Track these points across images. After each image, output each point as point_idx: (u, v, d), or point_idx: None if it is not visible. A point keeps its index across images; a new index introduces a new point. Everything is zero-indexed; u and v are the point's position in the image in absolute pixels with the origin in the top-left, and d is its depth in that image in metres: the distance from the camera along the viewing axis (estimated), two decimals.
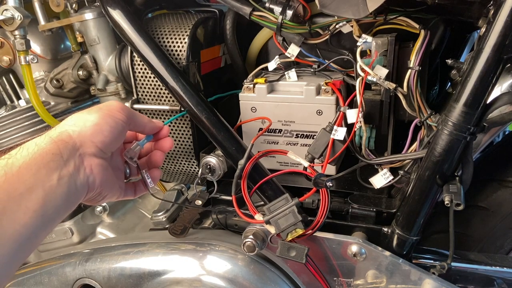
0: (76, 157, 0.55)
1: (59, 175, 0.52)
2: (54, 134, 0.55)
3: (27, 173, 0.50)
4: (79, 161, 0.56)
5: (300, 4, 0.83)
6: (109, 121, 0.59)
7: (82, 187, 0.56)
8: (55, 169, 0.52)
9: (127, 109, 0.63)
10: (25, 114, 0.99)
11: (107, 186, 0.61)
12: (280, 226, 0.70)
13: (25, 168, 0.50)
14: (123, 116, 0.61)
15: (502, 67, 0.60)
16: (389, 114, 0.82)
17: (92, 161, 0.57)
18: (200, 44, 0.92)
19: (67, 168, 0.54)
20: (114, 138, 0.60)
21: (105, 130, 0.58)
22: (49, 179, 0.51)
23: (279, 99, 0.87)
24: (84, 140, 0.56)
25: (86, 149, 0.56)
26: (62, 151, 0.54)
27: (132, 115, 0.64)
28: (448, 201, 0.66)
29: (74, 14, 0.94)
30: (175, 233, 0.88)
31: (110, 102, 0.63)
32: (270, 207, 0.71)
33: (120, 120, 0.61)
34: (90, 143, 0.57)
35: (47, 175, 0.51)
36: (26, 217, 0.49)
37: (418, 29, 0.77)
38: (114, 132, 0.59)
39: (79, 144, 0.56)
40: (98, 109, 0.60)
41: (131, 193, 0.70)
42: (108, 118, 0.59)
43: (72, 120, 0.58)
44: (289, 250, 0.71)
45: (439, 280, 0.74)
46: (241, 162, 0.75)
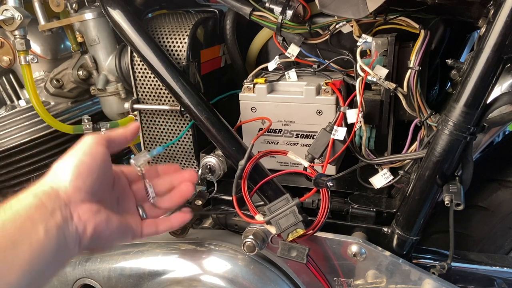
0: (63, 207, 0.52)
1: (46, 228, 0.49)
2: (35, 189, 0.53)
3: (11, 227, 0.47)
4: (66, 211, 0.53)
5: (300, 4, 0.83)
6: (86, 160, 0.56)
7: (72, 239, 0.53)
8: (41, 221, 0.49)
9: (102, 138, 0.60)
10: (25, 114, 0.99)
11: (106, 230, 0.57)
12: (281, 226, 0.70)
13: (9, 222, 0.48)
14: (100, 147, 0.58)
15: (502, 67, 0.60)
16: (389, 114, 0.82)
17: (80, 208, 0.54)
18: (200, 44, 0.92)
19: (54, 219, 0.51)
20: (96, 175, 0.57)
21: (84, 170, 0.55)
22: (35, 232, 0.48)
23: (279, 99, 0.87)
24: (66, 187, 0.54)
25: (71, 196, 0.54)
26: (46, 202, 0.51)
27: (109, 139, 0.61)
28: (448, 201, 0.66)
29: (74, 14, 0.94)
30: (175, 233, 0.88)
31: (84, 139, 0.59)
32: (270, 207, 0.71)
33: (97, 152, 0.58)
34: (73, 188, 0.54)
35: (32, 227, 0.48)
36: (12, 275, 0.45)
37: (418, 29, 0.77)
38: (94, 168, 0.56)
39: (63, 193, 0.53)
40: (72, 152, 0.57)
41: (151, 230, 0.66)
42: (84, 157, 0.56)
43: (51, 173, 0.56)
44: (290, 250, 0.71)
45: (439, 280, 0.74)
46: (242, 163, 0.75)
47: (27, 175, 1.00)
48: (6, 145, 0.99)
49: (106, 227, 0.57)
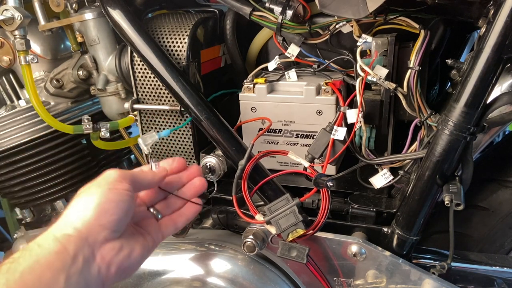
0: (85, 249, 0.51)
1: (67, 275, 0.48)
2: (56, 231, 0.51)
3: (30, 279, 0.45)
4: (89, 252, 0.51)
5: (300, 4, 0.83)
6: (112, 197, 0.54)
7: (94, 280, 0.51)
8: (62, 270, 0.48)
9: (127, 175, 0.58)
10: (25, 114, 0.99)
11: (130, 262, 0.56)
12: (281, 226, 0.70)
13: (28, 273, 0.46)
14: (126, 185, 0.56)
15: (502, 67, 0.60)
16: (389, 114, 0.82)
17: (103, 248, 0.53)
18: (200, 44, 0.92)
19: (75, 265, 0.49)
20: (123, 213, 0.55)
21: (110, 208, 0.53)
22: (55, 282, 0.47)
23: (279, 99, 0.87)
24: (90, 227, 0.52)
25: (95, 236, 0.52)
26: (68, 246, 0.49)
27: (135, 178, 0.59)
28: (448, 201, 0.66)
29: (74, 14, 0.94)
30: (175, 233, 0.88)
31: (108, 174, 0.57)
32: (270, 207, 0.71)
33: (124, 190, 0.56)
34: (98, 227, 0.52)
35: (52, 277, 0.47)
36: None
37: (418, 29, 0.77)
38: (121, 206, 0.54)
39: (86, 233, 0.51)
40: (97, 187, 0.55)
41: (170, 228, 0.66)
42: (109, 194, 0.54)
43: (73, 210, 0.53)
44: (290, 250, 0.71)
45: (439, 280, 0.74)
46: (242, 163, 0.75)
47: (27, 175, 1.00)
48: (6, 145, 0.99)
49: (129, 260, 0.56)
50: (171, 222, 0.66)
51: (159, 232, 0.64)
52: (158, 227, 0.64)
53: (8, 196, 1.07)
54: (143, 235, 0.60)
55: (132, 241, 0.58)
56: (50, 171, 1.01)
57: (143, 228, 0.62)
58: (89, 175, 1.09)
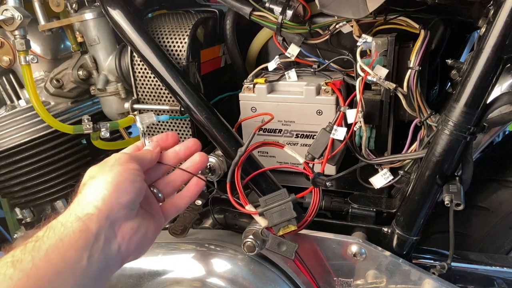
0: (107, 227, 0.52)
1: (90, 253, 0.50)
2: (77, 209, 0.52)
3: (55, 256, 0.47)
4: (110, 230, 0.53)
5: (300, 4, 0.83)
6: (127, 176, 0.56)
7: (113, 258, 0.53)
8: (85, 248, 0.49)
9: (133, 156, 0.60)
10: (25, 114, 0.99)
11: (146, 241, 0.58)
12: (274, 220, 0.69)
13: (53, 251, 0.47)
14: (136, 165, 0.58)
15: (502, 67, 0.60)
16: (389, 114, 0.82)
17: (123, 227, 0.54)
18: (200, 44, 0.92)
19: (97, 243, 0.51)
20: (138, 192, 0.57)
21: (128, 187, 0.55)
22: (79, 259, 0.49)
23: (279, 99, 0.87)
24: (111, 205, 0.53)
25: (115, 214, 0.53)
26: (90, 225, 0.51)
27: (139, 159, 0.61)
28: (448, 201, 0.66)
29: (74, 14, 0.94)
30: (175, 233, 0.88)
31: (118, 155, 0.59)
32: (266, 199, 0.70)
33: (135, 169, 0.57)
34: (118, 206, 0.54)
35: (76, 255, 0.49)
36: None
37: (418, 29, 0.77)
38: (136, 185, 0.56)
39: (107, 212, 0.53)
40: (110, 168, 0.56)
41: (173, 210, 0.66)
42: (125, 173, 0.56)
43: (92, 189, 0.54)
44: (280, 245, 0.71)
45: (439, 280, 0.74)
46: (241, 149, 0.74)
47: (27, 175, 1.00)
48: (6, 145, 0.99)
49: (146, 239, 0.58)
50: (173, 204, 0.67)
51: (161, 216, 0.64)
52: (161, 207, 0.65)
53: (8, 196, 1.07)
54: (152, 215, 0.62)
55: (146, 220, 0.59)
56: (50, 171, 1.01)
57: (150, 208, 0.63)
58: None
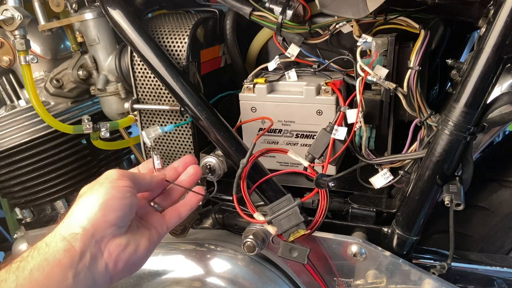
0: (92, 246, 0.52)
1: (75, 272, 0.49)
2: (63, 230, 0.52)
3: (39, 276, 0.46)
4: (96, 248, 0.52)
5: (300, 4, 0.83)
6: (115, 194, 0.55)
7: (101, 276, 0.52)
8: (70, 267, 0.49)
9: (127, 174, 0.59)
10: (25, 114, 0.99)
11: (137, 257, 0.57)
12: (283, 227, 0.70)
13: (37, 270, 0.47)
14: (127, 182, 0.58)
15: (502, 67, 0.60)
16: (389, 114, 0.82)
17: (110, 244, 0.54)
18: (200, 44, 0.92)
19: (83, 261, 0.50)
20: (127, 209, 0.56)
21: (115, 204, 0.55)
22: (64, 278, 0.48)
23: (279, 99, 0.87)
24: (97, 223, 0.52)
25: (102, 232, 0.53)
26: (75, 244, 0.50)
27: (134, 178, 0.60)
28: (448, 201, 0.66)
29: (74, 14, 0.93)
30: (175, 233, 0.87)
31: (109, 173, 0.59)
32: (272, 208, 0.71)
33: (125, 186, 0.57)
34: (104, 223, 0.53)
35: (61, 274, 0.48)
36: None
37: (418, 29, 0.77)
38: (125, 202, 0.56)
39: (93, 231, 0.52)
40: (99, 186, 0.56)
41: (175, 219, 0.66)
42: (112, 191, 0.55)
43: (78, 208, 0.54)
44: (291, 251, 0.71)
45: (439, 280, 0.74)
46: (243, 161, 0.75)
47: (27, 175, 1.00)
48: (6, 145, 0.99)
49: (136, 255, 0.57)
50: (174, 212, 0.67)
51: (163, 224, 0.64)
52: (162, 218, 0.65)
53: (8, 196, 1.07)
54: (148, 229, 0.61)
55: (138, 235, 0.59)
56: (50, 171, 1.01)
57: (147, 222, 0.63)
58: (89, 175, 1.09)
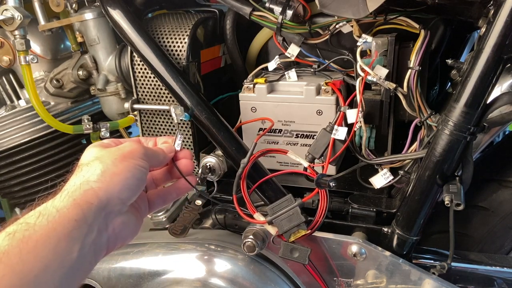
0: (101, 219, 0.51)
1: (81, 245, 0.48)
2: (77, 194, 0.50)
3: (44, 249, 0.44)
4: (103, 223, 0.51)
5: (300, 4, 0.83)
6: (136, 173, 0.55)
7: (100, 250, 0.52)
8: (77, 239, 0.47)
9: (148, 152, 0.59)
10: (25, 114, 0.99)
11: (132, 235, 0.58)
12: (284, 227, 0.70)
13: (43, 243, 0.44)
14: (145, 163, 0.57)
15: (502, 67, 0.60)
16: (389, 114, 0.82)
17: (116, 221, 0.53)
18: (200, 44, 0.92)
19: (90, 235, 0.49)
20: (140, 191, 0.56)
21: (133, 184, 0.54)
22: (70, 252, 0.46)
23: (279, 99, 0.87)
24: (110, 197, 0.52)
25: (112, 207, 0.52)
26: (87, 214, 0.49)
27: (151, 157, 0.60)
28: (448, 201, 0.66)
29: (74, 14, 0.94)
30: (175, 233, 0.88)
31: (133, 147, 0.58)
32: (273, 208, 0.71)
33: (144, 168, 0.56)
34: (117, 200, 0.52)
35: (67, 247, 0.46)
36: None
37: (418, 29, 0.77)
38: (140, 184, 0.56)
39: (105, 203, 0.51)
40: (122, 158, 0.55)
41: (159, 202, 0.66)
42: (134, 169, 0.55)
43: (96, 173, 0.52)
44: (292, 251, 0.71)
45: (439, 280, 0.74)
46: (244, 161, 0.75)
47: (27, 175, 1.00)
48: (6, 145, 0.99)
49: (131, 234, 0.58)
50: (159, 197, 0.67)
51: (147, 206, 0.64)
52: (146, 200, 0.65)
53: (8, 196, 1.07)
54: (136, 209, 0.61)
55: (132, 215, 0.59)
56: (50, 171, 1.01)
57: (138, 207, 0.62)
58: None
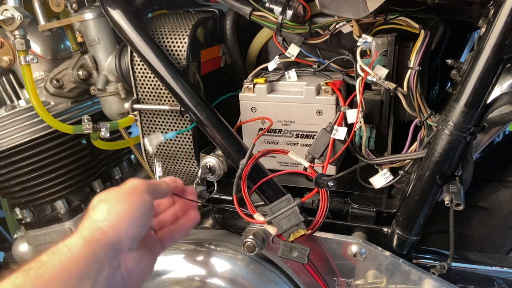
0: (113, 258, 0.51)
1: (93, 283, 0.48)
2: (86, 233, 0.51)
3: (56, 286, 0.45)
4: (115, 261, 0.52)
5: (300, 4, 0.83)
6: (140, 207, 0.55)
7: None
8: (89, 277, 0.48)
9: (150, 185, 0.59)
10: (25, 114, 0.99)
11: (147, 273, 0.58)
12: (283, 227, 0.70)
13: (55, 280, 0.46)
14: (149, 196, 0.58)
15: (502, 67, 0.60)
16: (389, 114, 0.82)
17: (128, 257, 0.54)
18: (200, 44, 0.92)
19: (103, 272, 0.50)
20: (147, 224, 0.57)
21: (139, 219, 0.55)
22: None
23: (279, 99, 0.87)
24: (119, 234, 0.52)
25: (122, 244, 0.52)
26: (97, 252, 0.50)
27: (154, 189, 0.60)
28: (448, 201, 0.66)
29: (74, 14, 0.93)
30: None
31: (134, 183, 0.58)
32: (272, 208, 0.71)
33: (148, 201, 0.57)
34: (125, 236, 0.53)
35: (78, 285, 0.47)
36: None
37: (418, 29, 0.77)
38: (146, 217, 0.56)
39: (114, 240, 0.52)
40: (126, 195, 0.56)
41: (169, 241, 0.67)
42: (138, 203, 0.55)
43: (102, 213, 0.53)
44: (291, 251, 0.71)
45: (439, 280, 0.74)
46: (243, 162, 0.75)
47: (27, 175, 1.00)
48: (6, 145, 0.98)
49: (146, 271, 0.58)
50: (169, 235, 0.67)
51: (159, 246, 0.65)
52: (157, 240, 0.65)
53: (8, 196, 1.07)
54: (148, 247, 0.61)
55: (146, 253, 0.59)
56: (50, 171, 1.01)
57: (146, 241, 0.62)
58: (89, 175, 1.09)
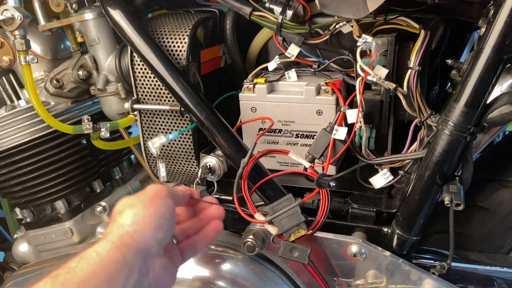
0: (141, 262, 0.51)
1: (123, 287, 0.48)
2: (114, 238, 0.51)
3: None
4: (143, 266, 0.52)
5: (300, 4, 0.83)
6: (165, 213, 0.56)
7: None
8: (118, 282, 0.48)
9: (170, 191, 0.60)
10: (25, 114, 0.99)
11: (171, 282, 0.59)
12: (284, 227, 0.70)
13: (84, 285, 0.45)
14: (171, 201, 0.58)
15: (502, 67, 0.60)
16: (389, 114, 0.82)
17: (156, 263, 0.54)
18: (200, 44, 0.92)
19: (131, 278, 0.49)
20: (171, 230, 0.57)
21: (165, 224, 0.55)
22: None
23: (279, 99, 0.87)
24: (146, 239, 0.52)
25: (149, 249, 0.53)
26: (126, 257, 0.49)
27: (174, 196, 0.61)
28: (448, 201, 0.66)
29: (74, 14, 0.93)
30: None
31: (157, 188, 0.59)
32: (273, 207, 0.71)
33: (171, 207, 0.58)
34: (152, 241, 0.53)
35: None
36: None
37: (418, 29, 0.77)
38: (171, 223, 0.57)
39: (142, 245, 0.52)
40: (151, 201, 0.56)
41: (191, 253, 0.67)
42: (163, 209, 0.56)
43: (129, 218, 0.54)
44: (292, 251, 0.71)
45: (439, 280, 0.74)
46: (245, 160, 0.75)
47: (27, 175, 1.00)
48: (6, 145, 0.98)
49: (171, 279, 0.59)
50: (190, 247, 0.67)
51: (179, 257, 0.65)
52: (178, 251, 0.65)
53: (8, 196, 1.07)
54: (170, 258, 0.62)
55: (169, 261, 0.60)
56: (50, 171, 1.01)
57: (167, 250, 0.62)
58: (89, 175, 1.09)
